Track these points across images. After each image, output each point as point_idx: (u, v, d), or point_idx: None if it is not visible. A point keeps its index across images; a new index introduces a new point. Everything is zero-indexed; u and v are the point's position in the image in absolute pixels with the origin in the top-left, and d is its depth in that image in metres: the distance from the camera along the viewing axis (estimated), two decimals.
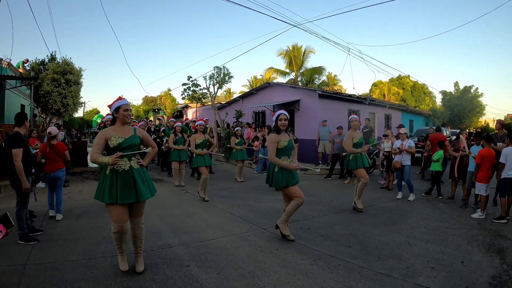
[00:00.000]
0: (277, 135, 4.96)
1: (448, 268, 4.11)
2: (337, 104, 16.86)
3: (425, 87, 38.03)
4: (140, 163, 3.79)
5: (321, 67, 30.24)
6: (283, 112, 5.07)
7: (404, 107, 25.74)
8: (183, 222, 6.00)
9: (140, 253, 3.98)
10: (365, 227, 5.86)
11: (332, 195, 8.62)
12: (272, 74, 31.29)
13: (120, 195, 3.58)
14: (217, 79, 17.73)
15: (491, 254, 4.64)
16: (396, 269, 4.07)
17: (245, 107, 18.87)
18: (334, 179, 11.40)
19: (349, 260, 4.35)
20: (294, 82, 29.09)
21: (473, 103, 36.19)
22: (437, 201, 8.03)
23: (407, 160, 8.18)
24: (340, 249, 4.74)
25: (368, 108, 18.76)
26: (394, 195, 8.45)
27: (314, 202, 7.69)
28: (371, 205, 7.33)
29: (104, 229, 5.42)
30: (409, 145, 8.20)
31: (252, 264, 4.17)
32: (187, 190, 8.99)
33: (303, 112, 16.20)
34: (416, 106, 34.60)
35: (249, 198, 8.14)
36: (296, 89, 17.60)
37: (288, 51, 30.09)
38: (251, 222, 6.01)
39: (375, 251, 4.70)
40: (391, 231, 5.64)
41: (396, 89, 36.42)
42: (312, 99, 15.92)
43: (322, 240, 5.14)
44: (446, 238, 5.29)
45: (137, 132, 3.91)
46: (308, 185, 9.94)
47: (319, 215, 6.64)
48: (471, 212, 6.83)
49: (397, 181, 8.71)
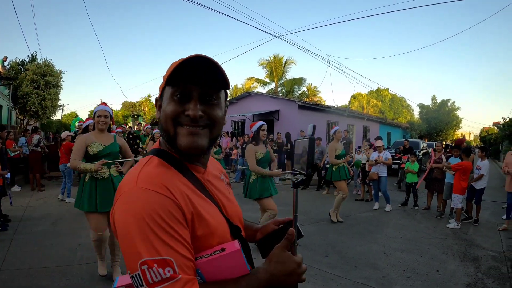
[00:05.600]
0: (255, 145, 5.04)
1: (423, 277, 4.26)
2: (316, 115, 17.17)
3: (404, 100, 39.20)
4: (119, 171, 3.81)
5: (302, 78, 30.74)
6: (264, 123, 5.16)
7: (382, 119, 26.39)
8: None
9: (118, 261, 3.96)
10: (342, 237, 5.99)
11: (310, 205, 8.73)
12: (253, 84, 31.44)
13: (99, 204, 3.58)
14: None
15: (466, 263, 4.84)
16: (372, 278, 4.18)
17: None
18: (312, 189, 11.54)
19: (326, 269, 4.45)
20: (274, 92, 29.33)
21: (450, 116, 37.72)
22: (413, 211, 8.28)
23: (383, 172, 8.40)
24: (317, 259, 4.83)
25: (346, 119, 19.15)
26: (371, 206, 8.65)
27: (291, 211, 7.69)
28: (348, 216, 7.47)
29: (81, 235, 5.33)
30: (386, 157, 8.43)
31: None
32: None
33: (282, 123, 16.40)
34: (394, 119, 35.47)
35: None
36: (276, 99, 17.89)
37: (269, 61, 30.34)
38: None
39: (352, 260, 4.81)
40: (367, 241, 5.78)
41: (375, 102, 37.28)
42: (292, 110, 16.18)
43: (299, 249, 4.98)
44: (422, 247, 5.47)
45: (117, 140, 3.91)
46: (285, 195, 9.96)
47: None
48: (446, 222, 7.08)
49: (374, 192, 8.91)
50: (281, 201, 8.64)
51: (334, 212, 6.98)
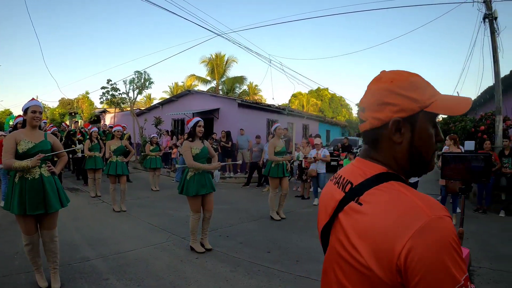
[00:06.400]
0: (191, 142, 4.95)
1: None
2: (257, 113, 17.34)
3: (343, 99, 40.96)
4: (51, 170, 3.57)
5: (243, 77, 30.90)
6: (201, 120, 5.08)
7: (322, 118, 27.22)
8: (100, 234, 5.69)
9: (56, 269, 3.69)
10: (283, 233, 6.00)
11: (251, 203, 8.72)
12: (194, 82, 31.02)
13: (29, 206, 3.34)
14: (137, 84, 17.21)
15: None
16: (314, 271, 4.20)
17: (165, 114, 18.49)
18: (252, 187, 11.54)
19: (268, 265, 4.42)
20: (215, 90, 29.19)
21: None
22: None
23: (322, 168, 8.59)
24: (259, 255, 4.79)
25: (286, 118, 19.49)
26: (310, 202, 8.80)
27: (232, 210, 7.70)
28: (288, 212, 7.51)
29: (18, 243, 4.83)
30: (324, 154, 8.63)
31: (173, 274, 4.10)
32: (104, 200, 8.47)
33: (222, 121, 16.32)
34: (333, 117, 36.81)
35: (167, 207, 7.97)
36: (216, 97, 17.84)
37: (211, 59, 30.17)
38: (170, 232, 5.86)
39: (294, 255, 4.83)
40: (308, 236, 5.83)
41: (314, 101, 38.49)
42: (232, 108, 16.18)
43: (241, 247, 5.16)
44: None
45: (48, 138, 3.70)
46: (226, 194, 9.93)
47: (238, 222, 6.65)
48: None
49: (313, 188, 9.08)
50: (222, 199, 8.60)
51: (273, 211, 7.00)
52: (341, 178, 1.04)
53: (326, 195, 1.10)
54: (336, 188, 1.03)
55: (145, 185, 10.92)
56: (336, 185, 1.05)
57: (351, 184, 0.97)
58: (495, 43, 9.46)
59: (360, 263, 0.85)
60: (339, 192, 1.01)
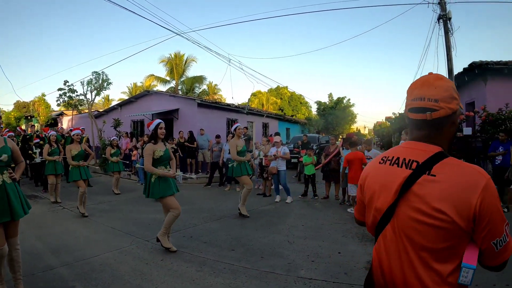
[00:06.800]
0: (154, 144, 4.88)
1: (327, 260, 4.51)
2: (216, 113, 17.32)
3: (302, 97, 41.49)
4: (13, 177, 3.40)
5: (202, 76, 30.81)
6: (161, 121, 5.03)
7: (281, 116, 27.53)
8: (63, 241, 5.49)
9: (20, 279, 3.53)
10: (247, 230, 6.04)
11: (213, 203, 8.69)
12: (153, 82, 30.50)
13: None
14: (95, 85, 16.60)
15: (365, 243, 5.25)
16: (279, 266, 4.28)
17: (124, 115, 18.00)
18: (214, 187, 11.50)
19: (233, 263, 4.44)
20: (174, 90, 28.83)
21: (345, 112, 41.57)
22: (313, 201, 8.73)
23: (282, 166, 8.70)
24: (224, 254, 4.81)
25: (246, 117, 19.57)
26: (272, 199, 8.90)
27: (195, 210, 7.65)
28: (251, 209, 7.54)
29: None
30: (284, 151, 8.74)
31: (139, 277, 4.04)
32: (65, 206, 8.16)
33: (182, 121, 16.14)
34: (293, 115, 37.29)
35: (129, 210, 7.83)
36: (175, 97, 17.60)
37: (170, 59, 29.80)
38: (133, 235, 5.76)
39: (258, 252, 4.88)
40: (271, 232, 5.92)
41: (274, 99, 38.82)
42: (191, 108, 16.06)
43: (206, 246, 5.15)
44: (323, 233, 5.78)
45: (8, 143, 3.53)
46: (188, 194, 9.85)
47: (201, 222, 6.62)
48: (345, 209, 7.62)
49: (274, 185, 9.17)
50: (185, 200, 8.51)
51: (243, 206, 7.03)
52: (398, 159, 1.30)
53: (384, 176, 1.32)
54: (396, 167, 1.28)
55: (106, 189, 10.64)
56: (394, 166, 1.29)
57: (417, 162, 1.24)
58: (449, 42, 10.02)
59: (443, 220, 1.13)
60: (402, 170, 1.26)
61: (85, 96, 16.98)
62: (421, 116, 1.25)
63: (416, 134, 1.31)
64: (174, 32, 15.41)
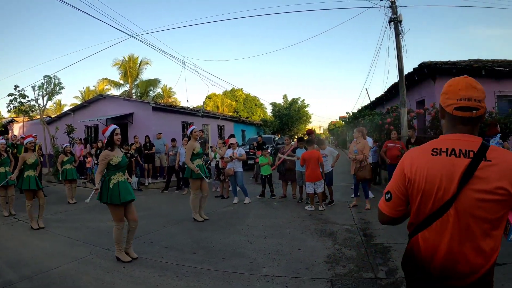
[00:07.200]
0: (110, 151, 4.76)
1: (287, 256, 4.65)
2: (171, 116, 17.12)
3: (257, 99, 41.87)
4: None
5: (157, 79, 30.46)
6: (117, 127, 4.92)
7: (236, 118, 27.64)
8: (20, 255, 5.23)
9: None
10: (207, 233, 6.06)
11: (171, 207, 8.65)
12: (106, 86, 29.62)
13: None
14: (47, 89, 15.80)
15: (324, 238, 5.46)
16: (240, 265, 4.36)
17: (77, 121, 17.29)
18: (172, 191, 11.39)
19: (195, 265, 4.47)
20: (128, 94, 28.16)
21: (300, 112, 42.22)
22: (271, 201, 8.90)
23: (239, 167, 8.78)
24: (185, 257, 4.81)
25: (201, 120, 19.48)
26: (230, 201, 8.97)
27: (154, 215, 7.57)
28: (210, 212, 7.56)
29: None
30: (240, 153, 8.82)
31: (101, 286, 3.97)
32: (19, 218, 7.70)
33: (137, 126, 15.78)
34: (248, 117, 37.51)
35: (87, 219, 7.57)
36: (129, 101, 17.17)
37: (124, 62, 29.05)
38: (92, 244, 5.59)
39: (219, 253, 4.93)
40: (231, 233, 5.99)
41: (229, 101, 38.92)
42: (146, 112, 15.77)
43: (167, 251, 5.12)
44: (282, 231, 5.93)
45: None
46: (146, 200, 9.70)
47: (160, 227, 6.56)
48: (303, 206, 7.82)
49: (232, 187, 9.23)
50: (143, 206, 8.38)
51: (196, 212, 7.02)
52: (454, 150, 1.48)
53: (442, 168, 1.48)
54: (454, 158, 1.47)
55: (61, 199, 10.21)
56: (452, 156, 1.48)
57: (473, 151, 1.45)
58: (400, 44, 10.50)
59: (502, 195, 1.37)
60: (460, 160, 1.46)
61: (36, 102, 16.17)
62: (468, 114, 1.48)
63: (461, 128, 1.53)
64: (128, 34, 15.06)
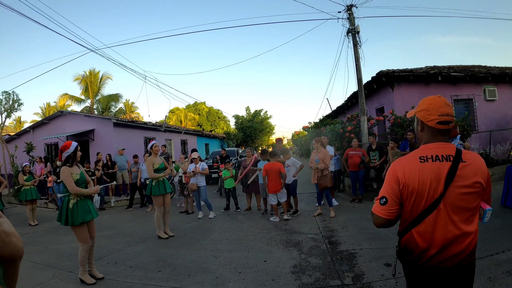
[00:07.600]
0: (70, 167, 4.69)
1: (253, 269, 4.70)
2: (133, 132, 16.92)
3: (220, 112, 42.03)
4: None
5: (118, 94, 29.99)
6: (77, 144, 4.86)
7: (199, 132, 27.53)
8: None
9: None
10: (171, 250, 6.00)
11: (135, 225, 8.46)
12: (67, 101, 28.72)
13: None
14: (5, 106, 15.14)
15: (290, 248, 5.55)
16: (207, 281, 4.36)
17: (37, 138, 16.64)
18: (136, 208, 11.16)
19: (161, 284, 4.43)
20: (90, 109, 27.46)
21: (263, 124, 42.62)
22: (236, 214, 8.94)
23: (202, 181, 8.75)
24: (150, 276, 4.75)
25: (164, 135, 19.32)
26: (195, 216, 8.92)
27: (117, 234, 7.39)
28: (174, 228, 7.49)
29: None
30: (202, 167, 8.80)
31: None
32: None
33: (98, 142, 15.44)
34: (211, 130, 37.49)
35: (48, 241, 7.28)
36: (90, 117, 16.80)
37: (85, 77, 28.43)
38: (55, 267, 5.39)
39: (184, 269, 4.90)
40: (196, 248, 5.97)
41: (192, 115, 38.78)
42: (107, 128, 15.48)
43: (132, 270, 5.03)
44: (248, 244, 5.97)
45: None
46: (109, 218, 9.45)
47: (125, 246, 6.41)
48: (267, 218, 7.91)
49: (196, 202, 9.16)
50: (106, 225, 8.19)
51: (160, 229, 6.93)
52: (437, 156, 1.80)
53: (431, 172, 1.77)
54: (439, 162, 1.78)
55: (22, 221, 9.75)
56: (436, 162, 1.79)
57: (451, 155, 1.78)
58: (358, 54, 10.92)
59: (478, 187, 1.74)
60: (444, 163, 1.77)
61: None
62: (447, 126, 1.85)
63: (440, 138, 1.87)
64: (88, 49, 14.70)
